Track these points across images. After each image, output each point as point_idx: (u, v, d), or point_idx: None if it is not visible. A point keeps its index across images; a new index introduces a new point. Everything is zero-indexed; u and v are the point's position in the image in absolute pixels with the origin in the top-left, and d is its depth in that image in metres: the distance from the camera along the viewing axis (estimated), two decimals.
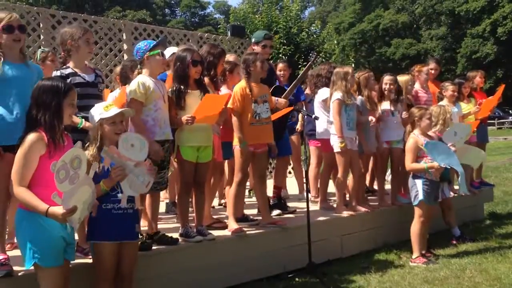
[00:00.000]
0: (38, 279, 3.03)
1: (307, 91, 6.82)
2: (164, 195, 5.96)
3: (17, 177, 2.93)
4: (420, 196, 5.24)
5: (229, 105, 4.76)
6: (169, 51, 5.24)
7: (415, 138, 5.29)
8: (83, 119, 3.80)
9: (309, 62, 6.16)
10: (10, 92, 3.44)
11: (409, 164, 5.26)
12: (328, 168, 6.08)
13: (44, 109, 3.03)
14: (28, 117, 3.09)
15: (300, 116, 6.80)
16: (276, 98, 5.42)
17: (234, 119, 4.77)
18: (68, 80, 3.86)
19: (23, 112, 3.22)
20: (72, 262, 3.50)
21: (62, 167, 2.89)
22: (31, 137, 2.97)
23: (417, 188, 5.26)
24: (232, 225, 4.73)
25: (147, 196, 4.27)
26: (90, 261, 3.73)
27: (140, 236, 3.85)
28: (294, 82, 5.96)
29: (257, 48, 5.67)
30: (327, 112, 5.84)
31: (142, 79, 4.13)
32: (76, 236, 3.93)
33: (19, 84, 3.45)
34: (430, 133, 5.41)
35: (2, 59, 3.49)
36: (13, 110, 3.44)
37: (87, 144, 3.42)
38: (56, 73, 3.97)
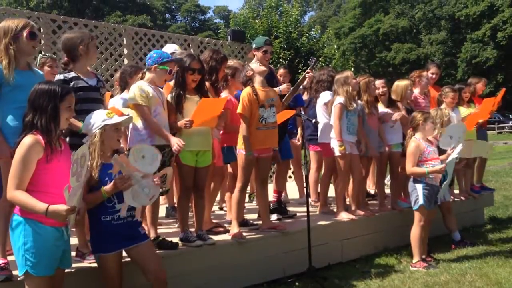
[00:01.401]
0: (25, 286, 2.99)
1: (305, 96, 6.82)
2: (163, 200, 5.95)
3: (15, 181, 2.88)
4: (421, 201, 5.24)
5: (238, 111, 4.76)
6: (169, 48, 5.31)
7: (416, 142, 5.29)
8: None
9: (309, 67, 6.17)
10: (19, 98, 3.45)
11: (410, 168, 5.26)
12: (329, 173, 6.08)
13: (41, 112, 2.99)
14: (24, 120, 3.05)
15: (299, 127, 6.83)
16: (278, 87, 5.43)
17: (243, 125, 4.74)
18: (72, 84, 3.89)
19: None
20: (72, 267, 3.50)
21: (75, 161, 2.90)
22: (28, 140, 2.92)
23: (418, 192, 5.26)
24: (234, 229, 4.73)
25: None
26: (90, 265, 3.74)
27: None
28: (294, 87, 5.96)
29: (257, 54, 5.69)
30: (329, 116, 5.85)
31: (140, 85, 4.16)
32: (76, 241, 3.93)
33: (27, 91, 3.46)
34: (429, 137, 5.41)
35: (13, 64, 3.53)
36: (21, 115, 3.45)
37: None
38: (60, 77, 3.97)
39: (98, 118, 3.44)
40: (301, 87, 6.28)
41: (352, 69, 18.94)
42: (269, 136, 4.86)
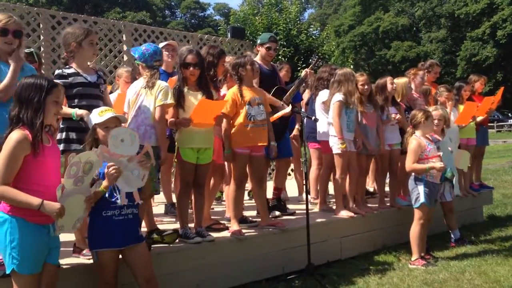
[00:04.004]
0: (13, 285, 2.95)
1: (306, 93, 6.80)
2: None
3: (0, 176, 2.83)
4: (422, 199, 5.23)
5: (222, 110, 4.76)
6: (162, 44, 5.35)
7: (417, 139, 5.28)
8: (76, 109, 3.75)
9: (310, 65, 6.15)
10: None
11: (410, 165, 5.25)
12: (328, 170, 6.07)
13: (27, 106, 2.94)
14: (10, 114, 2.99)
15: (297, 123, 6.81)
16: (282, 103, 5.42)
17: (224, 124, 4.77)
18: (70, 79, 3.88)
19: None
20: (69, 263, 3.50)
21: (75, 164, 2.89)
22: (16, 135, 2.87)
23: (418, 190, 5.25)
24: (234, 226, 4.73)
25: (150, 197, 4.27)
26: (87, 261, 3.73)
27: None
28: (295, 85, 5.94)
29: (261, 50, 5.66)
30: (327, 114, 5.85)
31: (168, 84, 4.23)
32: (74, 237, 3.93)
33: None
34: (427, 135, 5.40)
35: None
36: (6, 110, 3.41)
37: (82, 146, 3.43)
38: (58, 71, 3.97)
39: (92, 117, 3.46)
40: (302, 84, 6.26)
41: (352, 67, 18.90)
42: (259, 134, 4.83)
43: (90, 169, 3.00)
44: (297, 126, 6.85)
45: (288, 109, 5.21)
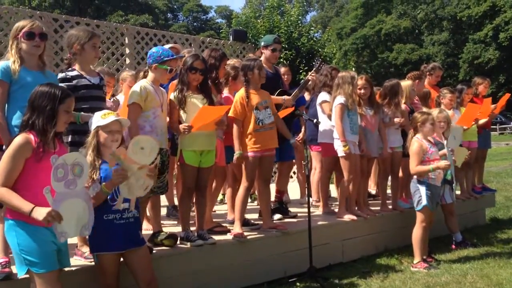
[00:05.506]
0: (35, 285, 3.00)
1: (307, 95, 6.80)
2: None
3: (1, 177, 2.88)
4: (424, 202, 5.23)
5: (230, 114, 4.78)
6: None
7: (419, 142, 5.27)
8: (81, 112, 3.78)
9: (314, 69, 6.15)
10: (25, 97, 3.46)
11: (414, 167, 5.24)
12: (328, 173, 6.07)
13: (39, 113, 3.02)
14: (22, 119, 3.08)
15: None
16: (283, 96, 5.43)
17: (235, 128, 4.78)
18: (74, 82, 3.90)
19: None
20: (72, 265, 3.50)
21: (61, 166, 2.87)
22: (19, 139, 2.95)
23: (421, 193, 5.24)
24: (237, 229, 4.73)
25: (149, 199, 4.27)
26: (90, 264, 3.73)
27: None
28: (298, 88, 5.94)
29: (266, 52, 5.65)
30: (325, 115, 5.85)
31: (143, 84, 4.16)
32: (76, 240, 3.93)
33: None
34: (429, 137, 5.40)
35: (20, 63, 3.59)
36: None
37: (83, 147, 3.44)
38: (61, 74, 3.98)
39: (94, 120, 3.46)
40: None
41: (353, 69, 18.89)
42: (269, 137, 4.88)
43: (81, 172, 2.97)
44: (303, 131, 6.85)
45: (290, 98, 5.22)
